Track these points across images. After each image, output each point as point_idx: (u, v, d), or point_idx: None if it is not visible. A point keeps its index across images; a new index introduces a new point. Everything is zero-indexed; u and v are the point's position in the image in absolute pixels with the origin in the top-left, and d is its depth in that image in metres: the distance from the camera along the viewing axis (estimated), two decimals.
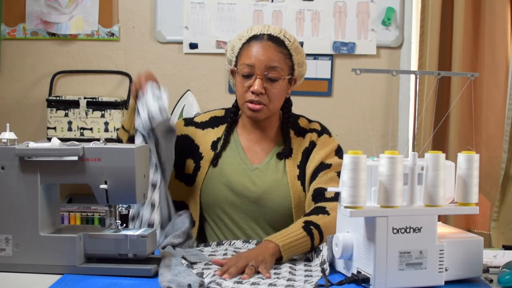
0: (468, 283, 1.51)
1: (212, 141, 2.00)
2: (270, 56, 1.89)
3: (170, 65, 3.43)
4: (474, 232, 3.03)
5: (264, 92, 1.89)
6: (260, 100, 1.89)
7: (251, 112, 1.91)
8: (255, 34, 1.91)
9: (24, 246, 1.54)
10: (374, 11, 3.39)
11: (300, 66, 1.97)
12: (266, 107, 1.91)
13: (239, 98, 1.94)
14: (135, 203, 1.58)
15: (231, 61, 1.98)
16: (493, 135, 3.22)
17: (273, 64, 1.88)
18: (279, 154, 1.96)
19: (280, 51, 1.90)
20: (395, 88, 3.42)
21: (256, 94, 1.88)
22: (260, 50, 1.89)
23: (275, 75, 1.89)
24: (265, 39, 1.90)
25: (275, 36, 1.91)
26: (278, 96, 1.92)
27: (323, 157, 1.94)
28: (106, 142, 1.57)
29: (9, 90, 3.46)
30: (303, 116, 2.08)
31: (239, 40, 1.94)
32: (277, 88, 1.90)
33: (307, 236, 1.69)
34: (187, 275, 1.45)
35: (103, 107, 3.22)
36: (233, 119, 2.02)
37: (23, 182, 1.54)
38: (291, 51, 1.92)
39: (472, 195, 1.49)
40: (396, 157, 1.42)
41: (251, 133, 2.01)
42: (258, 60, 1.88)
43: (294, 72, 1.95)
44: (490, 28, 3.21)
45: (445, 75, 1.65)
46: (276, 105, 1.94)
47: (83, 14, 3.40)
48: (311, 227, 1.71)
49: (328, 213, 1.78)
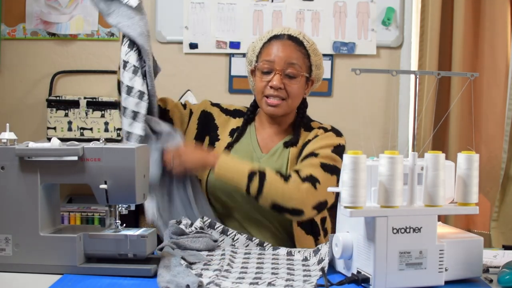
0: (468, 283, 1.51)
1: (231, 129, 2.09)
2: (290, 53, 1.98)
3: (170, 65, 3.43)
4: (474, 232, 3.03)
5: (282, 87, 1.97)
6: (278, 95, 1.97)
7: (269, 107, 1.99)
8: (275, 34, 2.02)
9: (24, 246, 1.54)
10: (374, 11, 3.39)
11: (318, 69, 2.05)
12: (285, 102, 1.99)
13: (258, 93, 2.02)
14: (135, 203, 1.58)
15: (251, 62, 2.07)
16: (493, 135, 3.22)
17: (292, 61, 1.97)
18: (285, 143, 2.04)
19: (299, 50, 2.00)
20: (395, 88, 3.43)
21: (275, 89, 1.96)
22: (280, 48, 1.99)
23: (293, 72, 1.98)
24: (285, 38, 2.01)
25: (295, 37, 2.01)
26: (296, 93, 2.00)
27: (316, 148, 1.97)
28: (106, 142, 1.57)
29: (9, 90, 3.46)
30: (316, 121, 2.13)
31: (260, 40, 2.05)
32: (295, 85, 1.99)
33: (246, 178, 1.85)
34: (186, 276, 1.45)
35: (103, 107, 3.22)
36: (249, 116, 2.10)
37: (23, 182, 1.54)
38: (309, 51, 2.01)
39: (472, 195, 1.49)
40: (396, 157, 1.42)
41: (267, 127, 2.08)
42: (277, 57, 1.97)
43: (311, 73, 2.04)
44: (490, 28, 3.21)
45: (445, 75, 1.65)
46: (294, 102, 2.02)
47: (83, 14, 3.40)
48: (256, 175, 1.86)
49: (287, 179, 1.87)
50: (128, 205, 1.61)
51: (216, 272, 1.53)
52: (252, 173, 1.87)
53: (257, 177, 1.86)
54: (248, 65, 2.09)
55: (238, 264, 1.64)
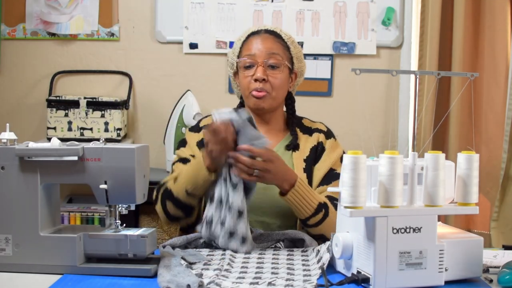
0: (468, 283, 1.51)
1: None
2: (270, 45, 2.00)
3: (170, 65, 3.43)
4: (474, 232, 3.03)
5: (266, 79, 1.96)
6: (263, 88, 1.97)
7: (255, 99, 1.98)
8: (253, 31, 2.04)
9: (24, 246, 1.54)
10: (374, 11, 3.39)
11: (299, 61, 2.06)
12: (269, 94, 1.98)
13: (244, 90, 2.01)
14: (135, 203, 1.58)
15: (232, 64, 2.07)
16: (493, 135, 3.22)
17: (272, 51, 1.99)
18: (287, 146, 2.03)
19: (278, 41, 2.02)
20: (395, 88, 3.42)
21: (259, 81, 1.96)
22: (259, 41, 2.01)
23: (275, 62, 1.98)
24: (263, 32, 2.03)
25: (272, 30, 2.04)
26: (281, 84, 2.00)
27: (332, 163, 2.01)
28: (106, 142, 1.57)
29: (9, 90, 3.46)
30: (306, 117, 2.15)
31: (239, 40, 2.06)
32: (279, 74, 1.99)
33: (313, 210, 1.83)
34: (186, 276, 1.45)
35: (103, 107, 3.22)
36: None
37: (23, 182, 1.54)
38: (288, 43, 2.03)
39: (472, 195, 1.49)
40: (396, 157, 1.42)
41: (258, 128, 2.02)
42: (258, 49, 1.99)
43: (293, 65, 2.04)
44: (490, 28, 3.21)
45: (445, 75, 1.65)
46: (279, 94, 2.01)
47: (83, 14, 3.40)
48: (322, 211, 1.84)
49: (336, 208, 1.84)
50: (128, 205, 1.61)
51: (216, 272, 1.53)
52: (319, 207, 1.84)
53: (322, 213, 1.84)
54: (230, 69, 2.09)
55: (238, 264, 1.64)
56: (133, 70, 3.43)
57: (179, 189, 1.86)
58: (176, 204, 1.88)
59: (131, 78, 3.41)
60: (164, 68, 3.44)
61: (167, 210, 1.91)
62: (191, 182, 1.83)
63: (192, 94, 3.24)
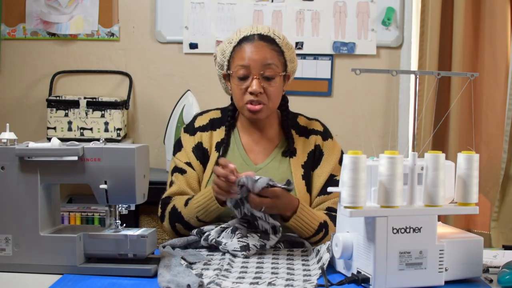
0: (468, 283, 1.51)
1: (216, 142, 2.01)
2: (264, 54, 1.91)
3: (170, 65, 3.43)
4: (474, 232, 3.03)
5: (262, 92, 1.90)
6: (259, 100, 1.90)
7: (251, 113, 1.92)
8: (245, 36, 1.93)
9: (24, 246, 1.54)
10: (374, 11, 3.39)
11: (292, 62, 1.99)
12: (266, 106, 1.92)
13: (238, 100, 1.95)
14: (135, 203, 1.58)
15: (222, 66, 1.99)
16: (493, 135, 3.22)
17: (267, 62, 1.90)
18: (284, 153, 1.99)
19: (272, 48, 1.93)
20: (395, 88, 3.42)
21: (255, 95, 1.90)
22: (253, 50, 1.91)
23: (271, 73, 1.91)
24: (256, 39, 1.92)
25: (266, 35, 1.93)
26: (276, 94, 1.94)
27: (332, 168, 1.98)
28: (106, 142, 1.57)
29: (9, 90, 3.46)
30: (301, 114, 2.10)
31: (229, 43, 1.96)
32: (275, 86, 1.92)
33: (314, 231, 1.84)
34: (186, 276, 1.45)
35: (103, 107, 3.22)
36: (230, 122, 2.03)
37: (23, 182, 1.54)
38: (282, 47, 1.94)
39: (472, 195, 1.49)
40: (396, 157, 1.42)
41: (252, 133, 2.02)
42: (252, 60, 1.90)
43: (287, 68, 1.97)
44: (490, 28, 3.21)
45: (445, 75, 1.65)
46: (275, 103, 1.96)
47: (83, 14, 3.40)
48: (322, 231, 1.85)
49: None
50: (128, 205, 1.61)
51: (216, 271, 1.53)
52: (320, 227, 1.85)
53: (323, 232, 1.86)
54: (218, 68, 2.00)
55: (238, 264, 1.64)
56: (133, 70, 3.43)
57: (190, 215, 1.86)
58: (186, 227, 1.89)
59: (131, 78, 3.41)
60: (164, 68, 3.44)
61: (176, 230, 1.92)
62: (202, 211, 1.84)
63: (192, 94, 3.24)
